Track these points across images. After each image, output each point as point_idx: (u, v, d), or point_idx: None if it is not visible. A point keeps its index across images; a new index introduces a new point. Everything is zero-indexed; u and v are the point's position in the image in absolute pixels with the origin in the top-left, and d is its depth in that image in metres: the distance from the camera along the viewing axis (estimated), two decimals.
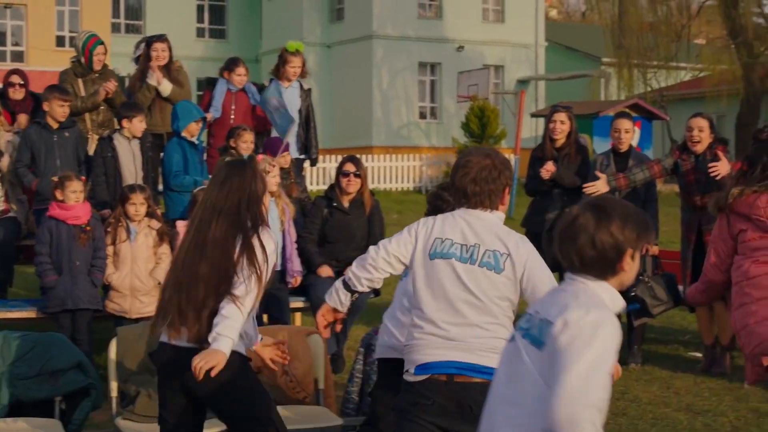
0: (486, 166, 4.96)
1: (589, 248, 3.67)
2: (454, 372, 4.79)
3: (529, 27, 44.84)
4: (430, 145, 40.96)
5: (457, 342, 4.83)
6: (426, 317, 4.93)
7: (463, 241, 4.94)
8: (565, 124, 10.44)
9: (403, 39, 42.13)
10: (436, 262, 4.93)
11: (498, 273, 4.86)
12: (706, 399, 8.75)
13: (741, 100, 36.84)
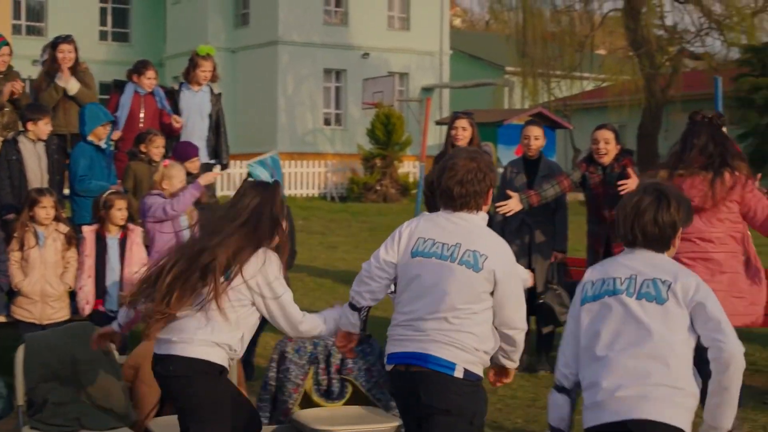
0: (472, 168, 5.12)
1: (652, 226, 4.51)
2: (412, 362, 5.01)
3: (433, 35, 44.97)
4: (335, 152, 40.89)
5: (422, 335, 5.02)
6: (403, 311, 5.15)
7: (445, 240, 5.10)
8: (466, 130, 10.35)
9: (308, 45, 42.00)
10: (416, 260, 5.12)
11: (476, 272, 5.02)
12: None
13: (643, 110, 37.34)
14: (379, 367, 6.92)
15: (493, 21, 44.93)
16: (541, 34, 38.65)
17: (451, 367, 4.97)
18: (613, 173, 9.65)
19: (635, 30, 36.70)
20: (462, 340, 4.97)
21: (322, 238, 23.21)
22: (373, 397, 6.83)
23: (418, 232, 5.21)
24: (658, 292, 4.46)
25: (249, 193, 5.47)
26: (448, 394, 4.96)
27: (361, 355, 6.90)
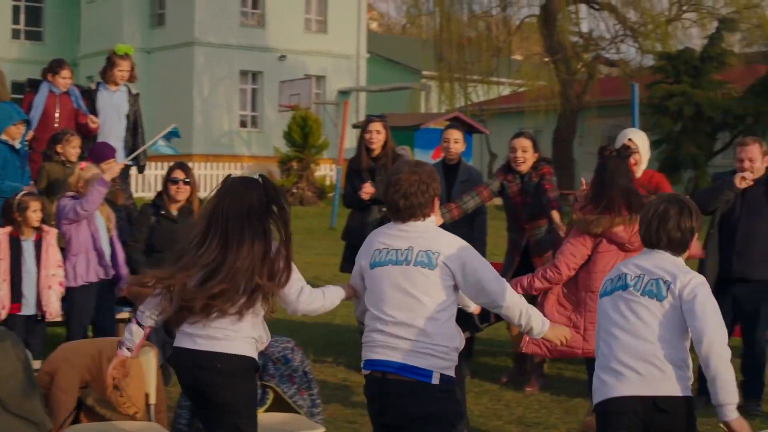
0: (414, 181, 5.31)
1: (676, 231, 5.18)
2: (389, 371, 5.19)
3: (350, 38, 45.01)
4: (251, 154, 40.71)
5: (396, 341, 5.20)
6: (372, 318, 5.35)
7: (398, 246, 5.33)
8: (380, 133, 10.26)
9: (224, 47, 41.78)
10: (376, 271, 5.34)
11: (432, 269, 5.22)
12: (536, 411, 8.78)
13: (558, 115, 37.59)
14: (301, 373, 6.82)
15: (409, 25, 44.92)
16: (457, 39, 38.74)
17: (428, 374, 5.16)
18: (531, 182, 9.59)
19: (551, 36, 36.94)
20: (435, 345, 5.17)
21: None
22: (295, 404, 6.71)
23: (374, 245, 5.43)
24: (659, 290, 5.10)
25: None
26: (427, 402, 5.16)
27: (284, 360, 6.79)
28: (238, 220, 5.28)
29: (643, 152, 8.99)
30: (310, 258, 19.56)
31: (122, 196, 10.86)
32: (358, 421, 8.28)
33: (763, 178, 8.79)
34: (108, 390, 6.49)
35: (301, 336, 11.71)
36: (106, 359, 6.60)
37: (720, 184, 8.69)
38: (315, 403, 6.84)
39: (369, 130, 10.24)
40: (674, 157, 33.71)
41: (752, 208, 8.73)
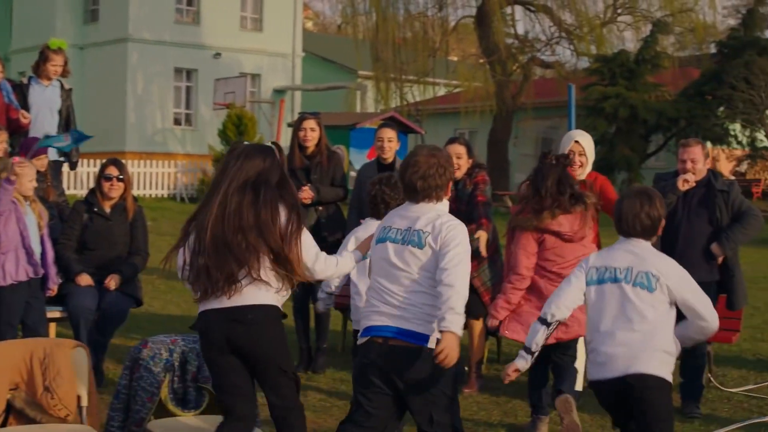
0: (433, 164, 5.75)
1: (647, 219, 5.86)
2: (389, 335, 5.63)
3: (286, 37, 44.82)
4: (185, 152, 40.37)
5: (394, 309, 5.65)
6: (372, 289, 5.82)
7: (400, 226, 5.78)
8: (315, 131, 10.10)
9: (159, 43, 41.41)
10: (379, 246, 5.83)
11: (421, 249, 5.65)
12: (475, 413, 8.69)
13: (494, 116, 37.66)
14: None
15: (345, 25, 44.82)
16: (393, 39, 38.70)
17: (425, 339, 5.58)
18: (465, 189, 9.47)
19: (486, 37, 37.01)
20: (428, 315, 5.58)
21: (173, 239, 22.54)
22: None
23: (384, 222, 5.92)
24: (649, 282, 5.74)
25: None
26: (426, 364, 5.55)
27: None
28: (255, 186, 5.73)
29: (589, 154, 8.91)
30: None
31: (54, 193, 10.63)
32: None
33: (704, 179, 8.78)
34: (38, 392, 6.32)
35: None
36: (36, 360, 6.43)
37: (662, 186, 8.65)
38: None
39: (303, 128, 10.10)
40: (608, 159, 33.92)
41: (693, 211, 8.72)
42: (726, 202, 8.69)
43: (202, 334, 5.91)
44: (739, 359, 10.75)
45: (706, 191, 8.73)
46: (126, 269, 9.45)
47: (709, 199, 8.72)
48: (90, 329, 9.17)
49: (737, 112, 32.80)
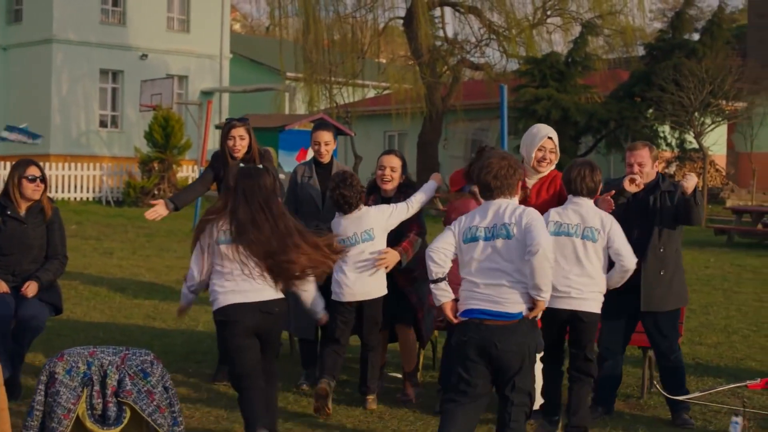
0: (504, 165, 6.79)
1: (591, 183, 7.68)
2: (484, 317, 6.65)
3: (213, 38, 44.54)
4: (111, 155, 39.81)
5: (488, 295, 6.67)
6: (468, 280, 6.81)
7: (485, 225, 6.77)
8: (244, 138, 9.62)
9: (84, 44, 40.87)
10: (469, 245, 6.80)
11: (509, 239, 6.67)
12: (412, 424, 8.36)
13: (424, 118, 37.43)
14: (161, 389, 6.28)
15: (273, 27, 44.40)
16: (322, 41, 38.35)
17: (514, 316, 6.64)
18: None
19: (416, 39, 36.75)
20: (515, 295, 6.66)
21: (97, 243, 22.29)
22: (154, 423, 6.16)
23: (466, 224, 6.86)
24: (593, 235, 7.57)
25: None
26: (514, 338, 6.66)
27: (142, 375, 6.24)
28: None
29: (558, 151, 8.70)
30: (171, 261, 18.96)
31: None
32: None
33: (653, 182, 8.64)
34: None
35: (161, 344, 11.18)
36: None
37: (610, 187, 8.44)
38: (176, 420, 6.31)
39: (231, 137, 9.65)
40: None
41: (642, 215, 8.52)
42: (672, 202, 8.52)
43: (230, 323, 7.04)
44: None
45: (654, 194, 8.55)
46: (43, 275, 8.99)
47: (656, 202, 8.54)
48: (6, 339, 8.70)
49: (666, 113, 32.81)
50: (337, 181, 8.64)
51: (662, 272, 8.56)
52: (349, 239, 8.54)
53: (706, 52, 34.18)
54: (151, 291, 15.41)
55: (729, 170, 40.92)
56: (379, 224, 8.64)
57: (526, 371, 6.68)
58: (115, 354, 6.30)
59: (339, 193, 8.57)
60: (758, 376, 9.16)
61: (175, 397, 6.35)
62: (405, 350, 9.34)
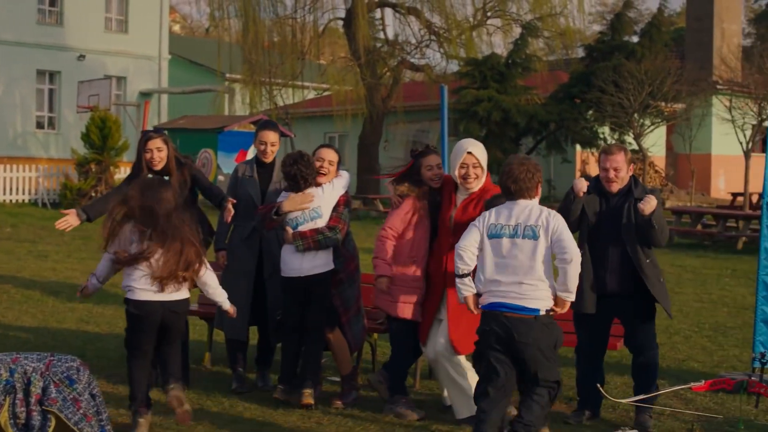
0: (523, 170, 7.35)
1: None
2: (504, 310, 7.19)
3: (152, 39, 44.13)
4: (48, 156, 39.30)
5: (508, 292, 7.21)
6: (489, 279, 7.30)
7: (509, 223, 7.30)
8: (162, 150, 9.29)
9: (20, 45, 40.27)
10: (493, 241, 7.32)
11: (536, 240, 7.21)
12: (351, 429, 8.21)
13: (364, 119, 37.30)
14: (88, 396, 6.06)
15: (212, 28, 44.11)
16: (262, 42, 38.12)
17: (535, 311, 7.19)
18: None
19: (355, 40, 36.61)
20: (541, 291, 7.24)
21: (32, 246, 21.92)
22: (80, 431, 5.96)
23: (490, 220, 7.36)
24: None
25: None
26: (534, 332, 7.20)
27: (68, 382, 6.02)
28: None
29: (484, 164, 8.53)
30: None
31: None
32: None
33: (625, 188, 8.55)
34: None
35: (94, 349, 10.95)
36: None
37: (567, 193, 8.53)
38: (104, 429, 6.11)
39: (149, 149, 9.30)
40: None
41: (614, 219, 8.46)
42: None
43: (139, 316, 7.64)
44: (622, 366, 10.42)
45: (626, 200, 8.44)
46: None
47: (630, 208, 8.44)
48: None
49: (606, 115, 32.87)
50: (295, 158, 8.84)
51: (662, 279, 8.54)
52: (298, 218, 8.75)
53: (645, 54, 34.30)
54: None
55: (668, 171, 41.13)
56: (328, 202, 8.83)
57: (547, 364, 7.23)
58: (40, 360, 6.06)
59: (297, 169, 8.76)
60: (701, 377, 9.13)
61: (103, 404, 6.14)
62: (336, 353, 9.22)
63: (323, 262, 8.83)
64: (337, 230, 8.86)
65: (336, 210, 8.93)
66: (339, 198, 9.00)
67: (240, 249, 9.47)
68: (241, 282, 9.37)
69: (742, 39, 46.95)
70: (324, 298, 8.88)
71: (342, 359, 9.19)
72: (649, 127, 33.56)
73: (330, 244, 8.87)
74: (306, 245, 8.78)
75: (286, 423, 8.32)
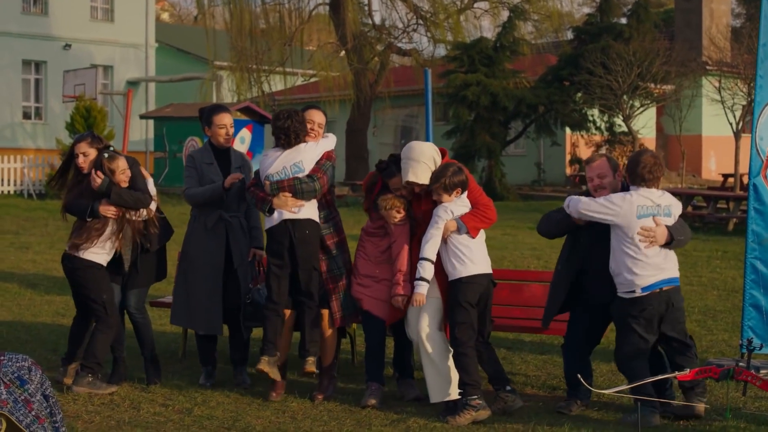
0: (655, 162, 8.27)
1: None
2: (663, 285, 8.17)
3: (139, 27, 43.92)
4: (36, 147, 39.04)
5: (661, 268, 8.16)
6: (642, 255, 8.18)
7: (650, 204, 8.16)
8: (88, 156, 8.92)
9: (5, 35, 40.09)
10: (642, 220, 8.14)
11: (669, 217, 8.23)
12: (326, 424, 7.95)
13: (352, 105, 37.05)
14: (40, 397, 5.79)
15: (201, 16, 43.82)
16: (249, 29, 37.88)
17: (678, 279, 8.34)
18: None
19: (342, 25, 36.36)
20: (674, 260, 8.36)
21: (15, 238, 21.66)
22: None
23: (636, 201, 8.15)
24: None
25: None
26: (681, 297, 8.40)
27: (18, 383, 5.74)
28: None
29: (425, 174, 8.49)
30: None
31: None
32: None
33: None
34: None
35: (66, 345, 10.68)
36: None
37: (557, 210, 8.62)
38: (59, 431, 5.84)
39: (77, 154, 9.00)
40: (469, 147, 33.57)
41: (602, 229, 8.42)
42: None
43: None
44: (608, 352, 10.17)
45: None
46: None
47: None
48: None
49: (595, 97, 32.61)
50: (289, 113, 8.82)
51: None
52: (279, 173, 8.69)
53: (633, 35, 34.06)
54: (64, 287, 14.72)
55: (659, 153, 40.87)
56: (311, 157, 8.76)
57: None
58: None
59: (291, 124, 8.73)
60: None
61: (57, 405, 5.86)
62: (323, 341, 8.96)
63: (307, 211, 8.73)
64: (315, 178, 8.72)
65: (318, 163, 8.83)
66: (323, 153, 8.90)
67: (206, 240, 9.21)
68: (210, 275, 9.13)
69: (732, 19, 46.64)
70: (310, 249, 8.76)
71: (327, 348, 8.94)
72: (638, 109, 33.33)
73: (307, 190, 8.68)
74: (281, 187, 8.64)
75: (257, 419, 8.07)
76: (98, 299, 8.80)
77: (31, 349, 10.50)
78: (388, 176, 8.75)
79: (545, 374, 9.91)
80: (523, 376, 9.83)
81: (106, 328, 8.83)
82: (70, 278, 9.04)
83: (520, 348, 11.08)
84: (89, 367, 8.75)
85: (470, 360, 8.24)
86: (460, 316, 8.24)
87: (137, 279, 9.23)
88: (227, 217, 9.20)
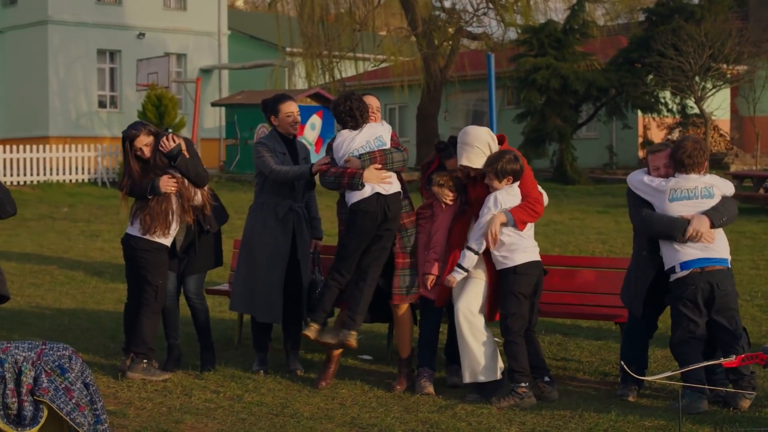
0: (696, 147, 8.30)
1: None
2: (706, 265, 8.15)
3: (211, 15, 44.21)
4: (112, 135, 39.47)
5: (705, 247, 8.15)
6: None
7: (688, 187, 8.24)
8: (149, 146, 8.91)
9: (80, 25, 40.55)
10: (674, 203, 8.25)
11: (711, 198, 8.24)
12: (374, 410, 8.01)
13: (422, 90, 37.03)
14: (80, 385, 5.93)
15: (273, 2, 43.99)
16: (320, 15, 37.96)
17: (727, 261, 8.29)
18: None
19: (412, 10, 36.32)
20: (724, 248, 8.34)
21: (85, 226, 21.99)
22: (73, 422, 5.81)
23: (672, 186, 8.25)
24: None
25: None
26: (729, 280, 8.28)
27: (59, 371, 5.88)
28: None
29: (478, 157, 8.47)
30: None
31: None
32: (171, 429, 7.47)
33: None
34: None
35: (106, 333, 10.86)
36: None
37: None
38: (100, 419, 5.95)
39: (138, 148, 8.94)
40: (540, 131, 33.42)
41: None
42: None
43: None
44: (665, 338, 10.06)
45: None
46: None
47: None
48: None
49: (666, 79, 32.31)
50: (347, 95, 8.93)
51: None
52: (363, 148, 8.72)
53: (705, 15, 33.58)
54: None
55: (733, 135, 40.41)
56: (387, 134, 8.89)
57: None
58: (31, 349, 5.90)
59: (351, 104, 8.81)
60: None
61: (98, 393, 5.98)
62: (399, 330, 9.01)
63: (396, 185, 8.80)
64: (401, 149, 8.90)
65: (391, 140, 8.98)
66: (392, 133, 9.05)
67: (275, 229, 9.26)
68: (276, 263, 9.20)
69: None
70: (397, 223, 8.84)
71: (403, 337, 8.95)
72: (710, 91, 32.95)
73: (397, 159, 8.78)
74: (372, 158, 8.69)
75: (308, 405, 8.16)
76: (154, 282, 8.94)
77: (90, 337, 10.70)
78: (446, 157, 8.81)
79: (599, 360, 9.89)
80: (576, 362, 9.82)
81: (151, 313, 8.97)
82: (131, 259, 9.17)
83: (576, 333, 11.07)
84: (142, 353, 8.88)
85: (520, 348, 8.30)
86: (513, 306, 8.28)
87: (196, 264, 9.35)
88: (297, 207, 9.28)
